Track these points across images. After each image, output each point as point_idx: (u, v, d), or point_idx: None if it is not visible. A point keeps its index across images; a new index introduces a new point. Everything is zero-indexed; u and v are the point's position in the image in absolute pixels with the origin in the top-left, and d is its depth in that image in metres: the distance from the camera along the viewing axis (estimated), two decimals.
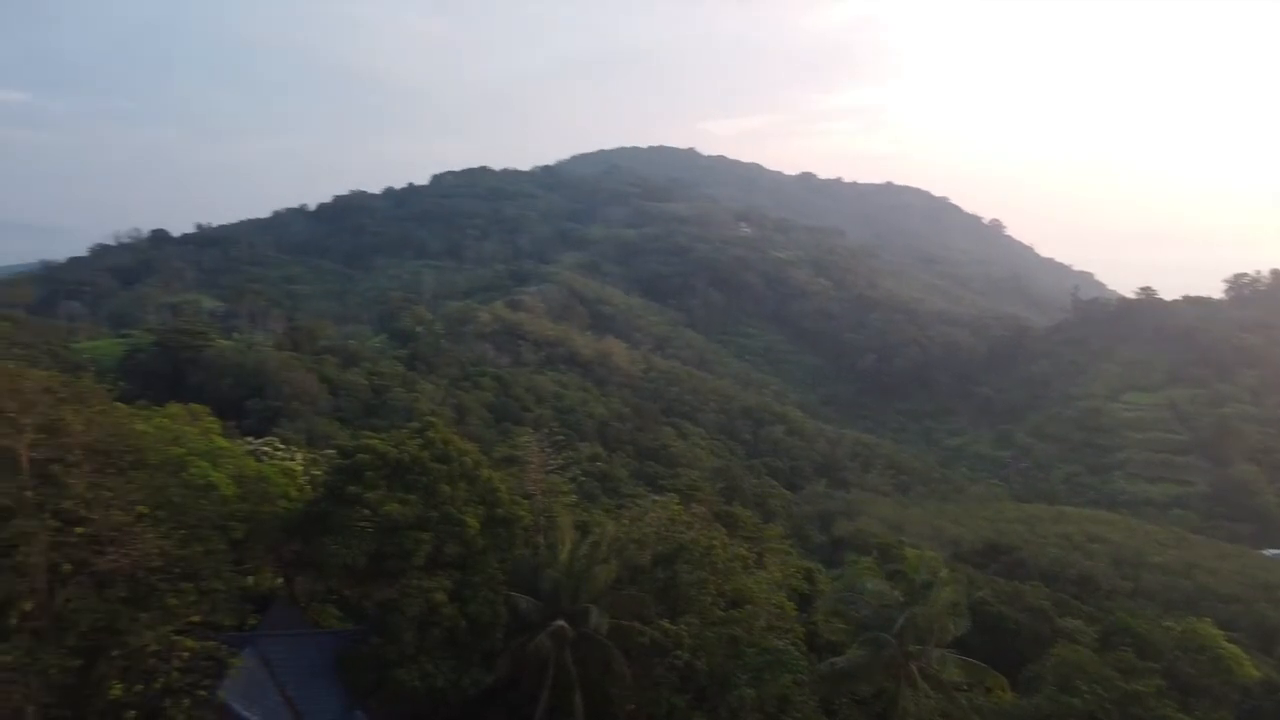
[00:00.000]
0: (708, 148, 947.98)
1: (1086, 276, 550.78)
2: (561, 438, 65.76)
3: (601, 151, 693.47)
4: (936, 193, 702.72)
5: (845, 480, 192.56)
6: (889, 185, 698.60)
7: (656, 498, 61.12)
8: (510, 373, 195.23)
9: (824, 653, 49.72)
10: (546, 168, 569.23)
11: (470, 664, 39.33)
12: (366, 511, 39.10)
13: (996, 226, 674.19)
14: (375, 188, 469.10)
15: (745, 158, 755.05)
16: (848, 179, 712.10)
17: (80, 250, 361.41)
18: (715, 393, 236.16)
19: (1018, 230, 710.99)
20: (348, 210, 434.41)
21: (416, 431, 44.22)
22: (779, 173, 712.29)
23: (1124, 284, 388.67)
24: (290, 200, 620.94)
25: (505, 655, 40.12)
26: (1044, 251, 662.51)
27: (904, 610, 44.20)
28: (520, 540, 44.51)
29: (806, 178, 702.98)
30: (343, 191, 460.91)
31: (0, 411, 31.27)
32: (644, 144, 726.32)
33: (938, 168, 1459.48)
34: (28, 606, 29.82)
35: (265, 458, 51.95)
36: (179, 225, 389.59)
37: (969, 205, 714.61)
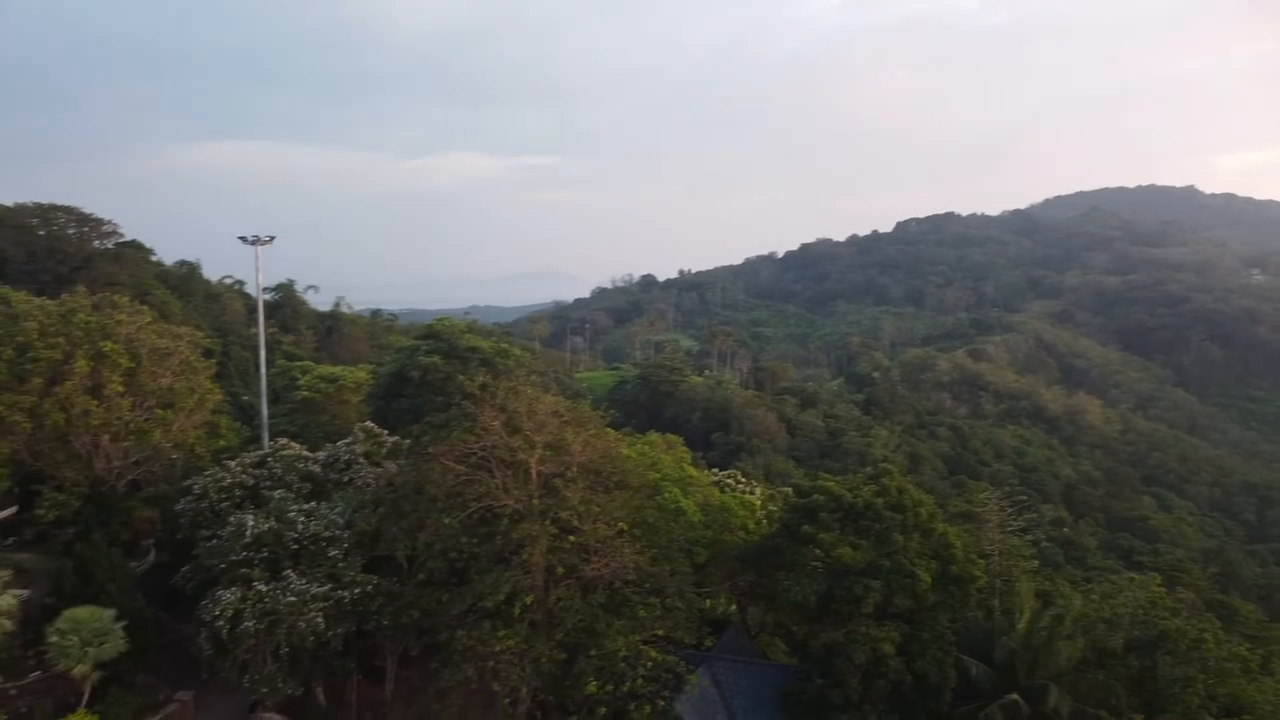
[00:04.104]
0: (1211, 184, 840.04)
1: None
2: (1023, 497, 61.84)
3: (1080, 194, 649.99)
4: None
5: None
6: None
7: (1132, 575, 55.03)
8: (968, 424, 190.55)
9: None
10: (1018, 212, 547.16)
11: None
12: (819, 552, 39.86)
13: None
14: (840, 236, 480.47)
15: (1260, 195, 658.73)
16: None
17: (584, 292, 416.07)
18: (1209, 462, 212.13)
19: None
20: (813, 257, 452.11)
21: (871, 477, 44.21)
22: None
23: None
24: (760, 248, 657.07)
25: None
26: None
27: None
28: (974, 601, 42.54)
29: None
30: (809, 240, 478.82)
31: (519, 430, 36.75)
32: (1131, 184, 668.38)
33: None
34: (529, 600, 34.37)
35: (728, 489, 55.06)
36: (665, 271, 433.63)
37: None
